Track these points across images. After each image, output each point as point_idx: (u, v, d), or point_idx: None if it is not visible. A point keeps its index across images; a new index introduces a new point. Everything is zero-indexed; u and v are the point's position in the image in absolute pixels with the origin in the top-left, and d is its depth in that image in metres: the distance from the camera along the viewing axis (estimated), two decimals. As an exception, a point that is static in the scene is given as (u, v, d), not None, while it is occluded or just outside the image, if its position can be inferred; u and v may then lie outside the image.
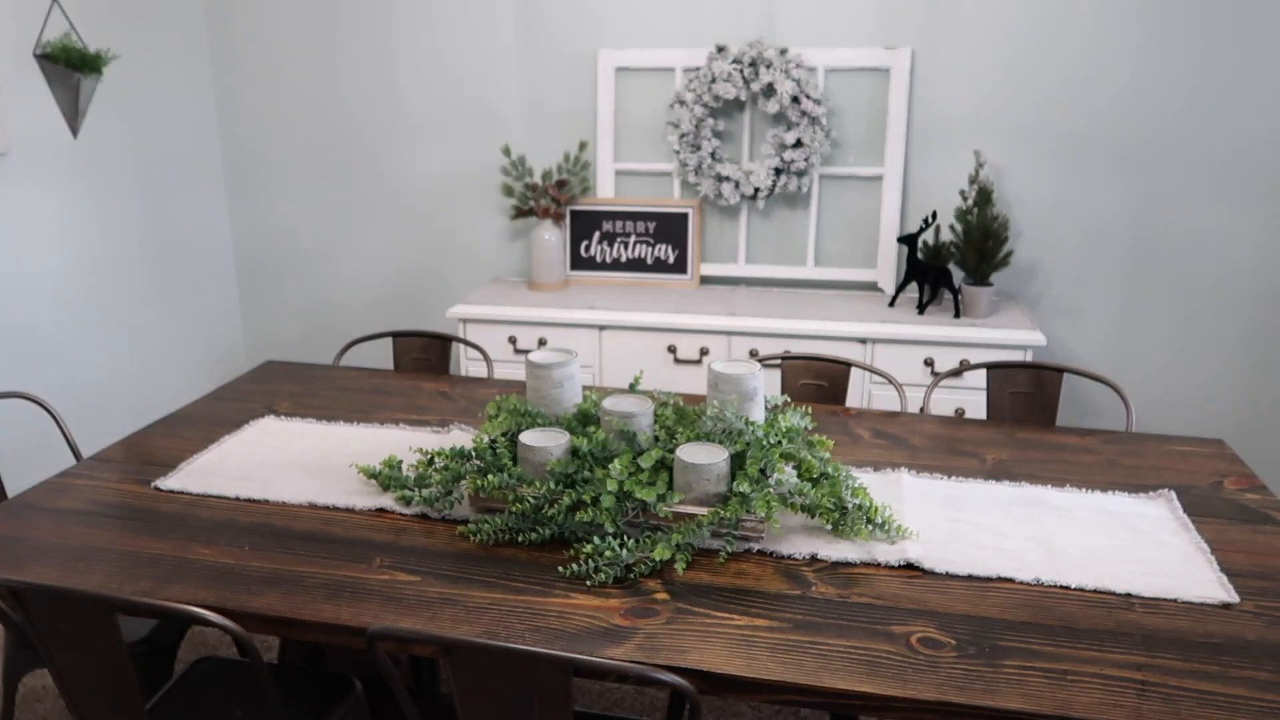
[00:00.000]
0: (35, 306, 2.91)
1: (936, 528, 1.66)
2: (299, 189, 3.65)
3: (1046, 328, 3.13)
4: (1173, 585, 1.48)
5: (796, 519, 1.67)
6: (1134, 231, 3.08)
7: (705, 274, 3.35)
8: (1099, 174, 3.06)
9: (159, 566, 1.53)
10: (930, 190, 3.16)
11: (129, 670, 1.41)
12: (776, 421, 1.73)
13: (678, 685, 1.22)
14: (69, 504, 1.76)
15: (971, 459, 1.97)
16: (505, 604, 1.41)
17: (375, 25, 3.42)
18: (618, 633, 1.36)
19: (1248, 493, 1.82)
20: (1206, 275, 3.06)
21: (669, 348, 2.96)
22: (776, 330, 2.88)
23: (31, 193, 2.83)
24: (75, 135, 2.97)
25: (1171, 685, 1.24)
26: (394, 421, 2.16)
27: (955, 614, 1.40)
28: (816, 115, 3.07)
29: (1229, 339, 3.10)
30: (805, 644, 1.33)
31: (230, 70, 3.58)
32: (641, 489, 1.57)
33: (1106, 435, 2.11)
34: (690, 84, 3.16)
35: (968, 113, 3.09)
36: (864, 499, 1.63)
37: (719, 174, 3.18)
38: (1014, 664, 1.29)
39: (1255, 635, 1.35)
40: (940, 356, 2.83)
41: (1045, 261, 3.16)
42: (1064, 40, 2.98)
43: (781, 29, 3.14)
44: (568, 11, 3.27)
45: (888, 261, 3.21)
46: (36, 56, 2.81)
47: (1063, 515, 1.71)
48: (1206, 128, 2.96)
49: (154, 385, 3.43)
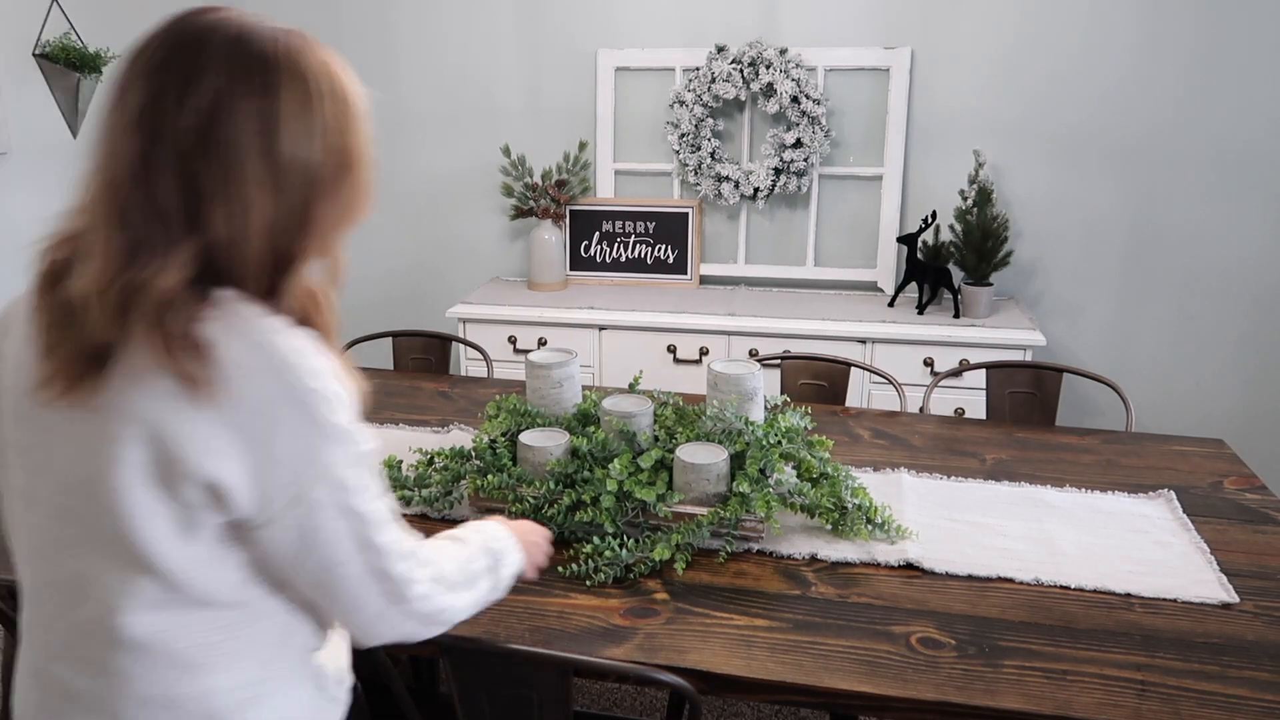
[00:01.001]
0: (35, 306, 2.91)
1: (936, 528, 1.66)
2: (299, 189, 3.65)
3: (1046, 327, 3.12)
4: (1172, 585, 1.48)
5: (796, 519, 1.67)
6: (1134, 231, 3.08)
7: (705, 274, 3.35)
8: (1099, 173, 3.06)
9: (159, 566, 1.53)
10: (930, 190, 3.16)
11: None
12: (776, 421, 1.73)
13: (677, 685, 1.22)
14: (69, 504, 1.75)
15: (971, 459, 1.97)
16: (505, 604, 1.40)
17: (375, 25, 3.42)
18: (617, 633, 1.36)
19: (1248, 493, 1.82)
20: (1207, 275, 3.06)
21: (669, 348, 2.96)
22: (776, 330, 2.88)
23: (31, 193, 2.83)
24: (75, 135, 2.97)
25: (1171, 685, 1.24)
26: (394, 421, 2.16)
27: (955, 614, 1.40)
28: (816, 115, 3.07)
29: (1229, 338, 3.10)
30: (805, 644, 1.33)
31: (230, 70, 3.58)
32: (641, 489, 1.57)
33: (1106, 435, 2.11)
34: (690, 84, 3.16)
35: (967, 112, 3.09)
36: (864, 499, 1.63)
37: (719, 174, 3.18)
38: (1014, 664, 1.29)
39: (1255, 635, 1.35)
40: (940, 356, 2.82)
41: (1045, 261, 3.16)
42: (1063, 40, 2.98)
43: (781, 29, 3.14)
44: (568, 11, 3.27)
45: (887, 261, 3.21)
46: (36, 56, 2.81)
47: (1062, 515, 1.71)
48: (1206, 127, 2.96)
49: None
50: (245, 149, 0.84)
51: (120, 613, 0.87)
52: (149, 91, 0.84)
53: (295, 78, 0.87)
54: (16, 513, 0.94)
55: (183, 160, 0.83)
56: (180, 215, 0.83)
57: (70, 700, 0.92)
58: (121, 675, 0.89)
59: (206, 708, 0.91)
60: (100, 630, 0.89)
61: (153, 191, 0.83)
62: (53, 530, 0.90)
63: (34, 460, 0.90)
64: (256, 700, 0.94)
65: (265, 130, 0.84)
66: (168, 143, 0.83)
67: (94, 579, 0.88)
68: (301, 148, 0.87)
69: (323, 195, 0.89)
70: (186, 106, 0.83)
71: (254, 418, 0.83)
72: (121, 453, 0.83)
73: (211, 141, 0.83)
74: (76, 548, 0.88)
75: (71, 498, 0.87)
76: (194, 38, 0.85)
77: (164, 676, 0.89)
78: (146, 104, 0.84)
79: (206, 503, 0.85)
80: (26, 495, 0.92)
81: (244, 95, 0.84)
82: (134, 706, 0.90)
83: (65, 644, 0.91)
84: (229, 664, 0.92)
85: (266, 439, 0.84)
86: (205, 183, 0.83)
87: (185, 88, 0.83)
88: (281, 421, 0.84)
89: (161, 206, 0.83)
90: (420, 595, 0.97)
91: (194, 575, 0.88)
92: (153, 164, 0.83)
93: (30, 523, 0.92)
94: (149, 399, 0.82)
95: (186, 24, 0.86)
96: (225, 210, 0.84)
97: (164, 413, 0.82)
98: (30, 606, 0.96)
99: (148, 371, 0.82)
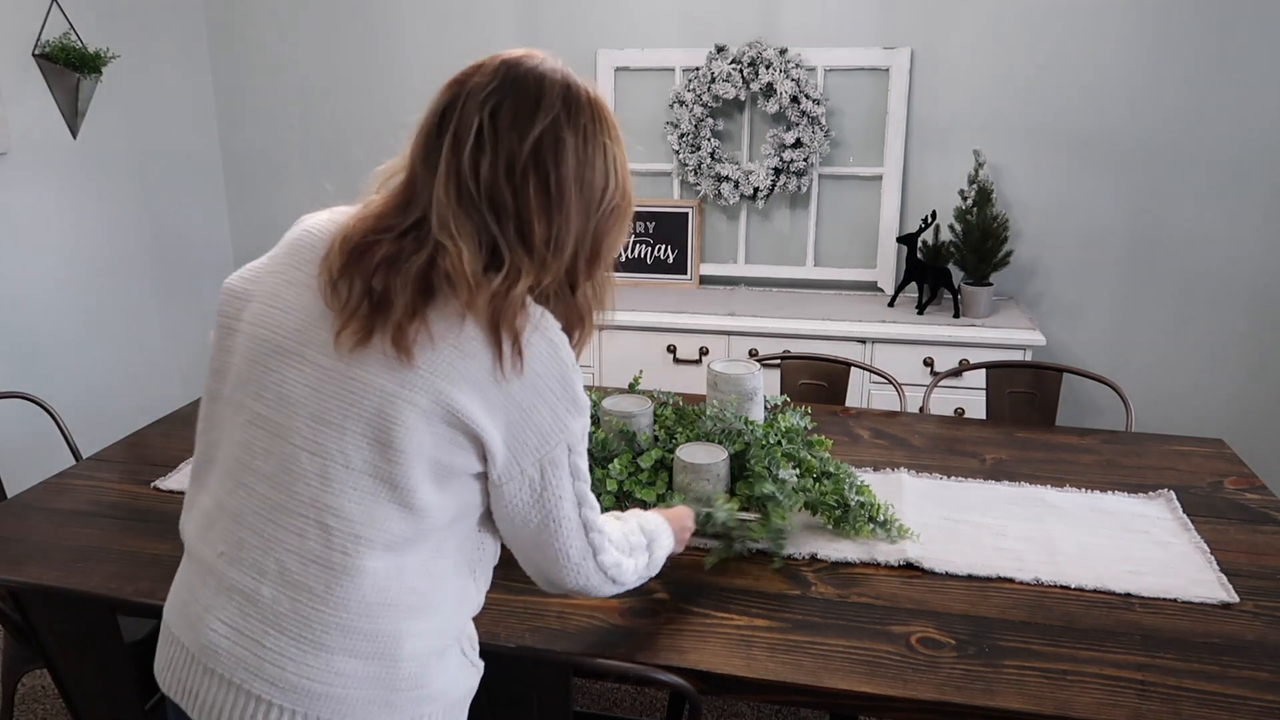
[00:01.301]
0: (34, 306, 2.91)
1: (936, 528, 1.66)
2: (299, 189, 3.65)
3: (1046, 327, 3.13)
4: (1172, 585, 1.48)
5: (797, 518, 1.67)
6: (1134, 231, 3.08)
7: (705, 274, 3.35)
8: (1098, 173, 3.06)
9: (159, 566, 1.53)
10: (930, 190, 3.16)
11: (128, 670, 1.41)
12: (776, 421, 1.73)
13: (678, 685, 1.22)
14: (68, 504, 1.75)
15: (971, 459, 1.97)
16: (504, 604, 1.41)
17: (375, 25, 3.42)
18: (617, 632, 1.36)
19: (1247, 493, 1.82)
20: (1206, 274, 3.06)
21: (669, 348, 2.96)
22: (776, 330, 2.88)
23: (31, 193, 2.83)
24: (75, 135, 2.97)
25: (1171, 685, 1.24)
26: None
27: (955, 614, 1.40)
28: (816, 115, 3.07)
29: (1229, 338, 3.10)
30: (805, 644, 1.33)
31: (230, 70, 3.58)
32: (641, 489, 1.57)
33: (1106, 435, 2.11)
34: (690, 84, 3.16)
35: (967, 112, 3.09)
36: (868, 496, 1.63)
37: (718, 174, 3.18)
38: (1014, 664, 1.29)
39: (1255, 635, 1.35)
40: (940, 356, 2.82)
41: (1045, 261, 3.16)
42: (1063, 40, 2.98)
43: (781, 29, 3.14)
44: (567, 11, 3.27)
45: (887, 261, 3.21)
46: (36, 56, 2.81)
47: (1062, 515, 1.71)
48: (1205, 127, 2.96)
49: (154, 385, 3.43)
50: (566, 179, 1.00)
51: (360, 544, 0.98)
52: (489, 118, 0.99)
53: (604, 124, 1.04)
54: (255, 443, 1.02)
55: (517, 181, 0.99)
56: (511, 227, 0.99)
57: (271, 622, 0.99)
58: (336, 604, 0.98)
59: (396, 649, 1.00)
60: (333, 559, 0.98)
61: (491, 204, 0.98)
62: (301, 462, 0.99)
63: (293, 396, 1.00)
64: (440, 653, 1.05)
65: (582, 160, 1.02)
66: (503, 164, 0.98)
67: (341, 512, 0.98)
68: (603, 179, 1.04)
69: (611, 226, 1.06)
70: (527, 136, 0.99)
71: (528, 391, 0.99)
72: (411, 398, 0.96)
73: (542, 170, 0.99)
74: (330, 480, 0.98)
75: (338, 438, 0.98)
76: (533, 81, 1.01)
77: (373, 611, 0.99)
78: (489, 124, 0.99)
79: (468, 455, 0.99)
80: (274, 426, 1.01)
81: (570, 134, 1.01)
82: (337, 635, 0.98)
83: (282, 568, 0.99)
84: (429, 612, 1.03)
85: (531, 407, 1.00)
86: (533, 203, 0.99)
87: (526, 121, 0.99)
88: (547, 393, 1.00)
89: (495, 217, 0.99)
90: (605, 547, 1.13)
91: (435, 520, 1.00)
92: (488, 180, 0.98)
93: (275, 451, 1.00)
94: (450, 364, 0.96)
95: (523, 67, 1.02)
96: (544, 229, 1.00)
97: (457, 379, 0.96)
98: (234, 529, 1.02)
99: (463, 342, 0.97)
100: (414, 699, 1.02)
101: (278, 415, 1.01)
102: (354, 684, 0.99)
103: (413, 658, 1.01)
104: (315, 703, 0.98)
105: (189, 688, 1.03)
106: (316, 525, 0.98)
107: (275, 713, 0.98)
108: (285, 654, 0.98)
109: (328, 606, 0.98)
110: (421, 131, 1.03)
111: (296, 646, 0.98)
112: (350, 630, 0.98)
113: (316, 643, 0.98)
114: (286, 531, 0.99)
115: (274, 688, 0.98)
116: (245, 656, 0.99)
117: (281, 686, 0.98)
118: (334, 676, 0.98)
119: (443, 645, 1.05)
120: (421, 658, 1.02)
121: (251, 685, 0.99)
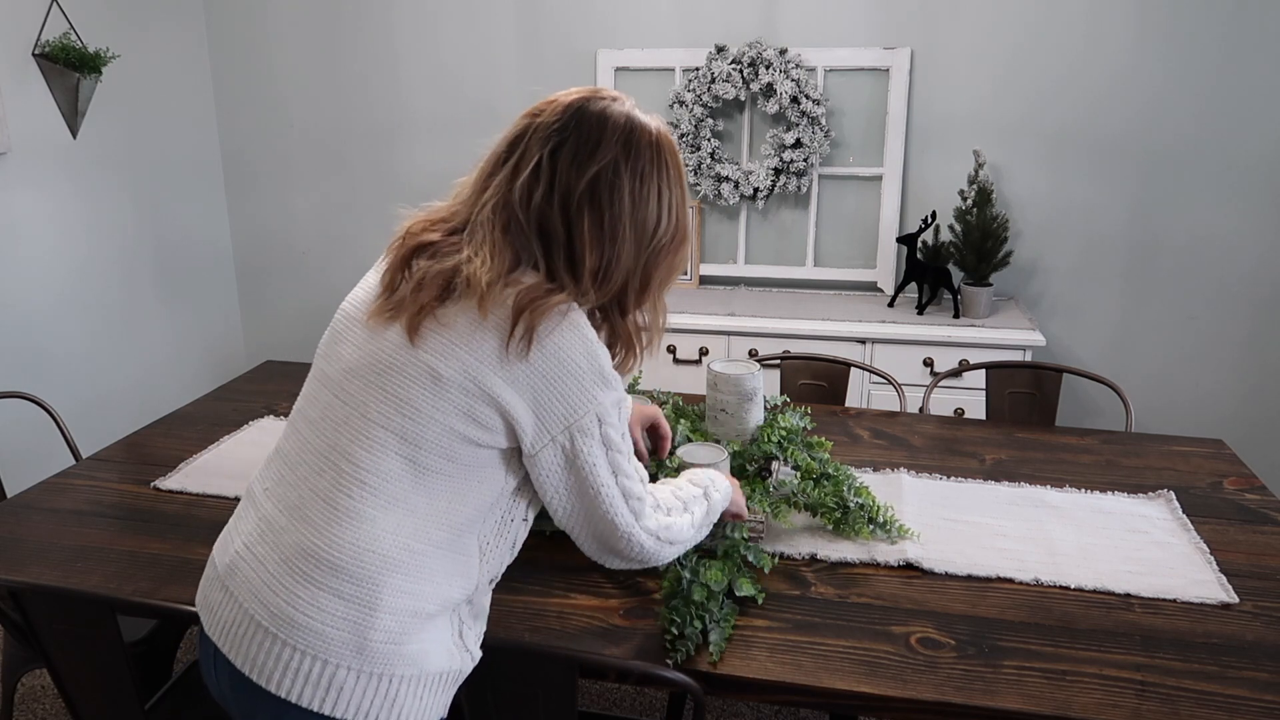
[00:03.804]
0: (34, 306, 2.91)
1: (936, 528, 1.66)
2: (299, 189, 3.65)
3: (1046, 328, 3.13)
4: (1172, 585, 1.48)
5: (797, 519, 1.67)
6: (1133, 231, 3.08)
7: (705, 274, 3.35)
8: (1098, 174, 3.06)
9: (158, 566, 1.53)
10: (929, 190, 3.16)
11: (128, 670, 1.41)
12: (776, 421, 1.73)
13: (684, 683, 1.22)
14: (68, 504, 1.75)
15: (971, 459, 1.97)
16: (504, 604, 1.41)
17: (375, 25, 3.42)
18: (617, 633, 1.36)
19: (1247, 493, 1.82)
20: (1206, 275, 3.06)
21: (668, 348, 2.96)
22: (776, 330, 2.88)
23: (30, 193, 2.83)
24: (74, 135, 2.97)
25: (1171, 685, 1.24)
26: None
27: (954, 614, 1.40)
28: (816, 115, 3.07)
29: (1228, 339, 3.10)
30: (804, 644, 1.33)
31: (230, 70, 3.58)
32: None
33: (1106, 435, 2.11)
34: (690, 84, 3.16)
35: (967, 113, 3.09)
36: (867, 498, 1.63)
37: (718, 174, 3.18)
38: (1013, 664, 1.29)
39: (1255, 635, 1.35)
40: (939, 356, 2.83)
41: (1045, 261, 3.16)
42: (1064, 40, 2.98)
43: (781, 29, 3.14)
44: (568, 11, 3.27)
45: (887, 261, 3.21)
46: (35, 56, 2.81)
47: (1062, 515, 1.71)
48: (1206, 127, 2.96)
49: (153, 385, 3.43)
50: (620, 217, 1.09)
51: (365, 490, 1.06)
52: (549, 156, 1.09)
53: (662, 166, 1.13)
54: (312, 393, 1.15)
55: (571, 214, 1.08)
56: (561, 255, 1.08)
57: (277, 548, 1.08)
58: (330, 541, 1.05)
59: (375, 598, 1.05)
60: (338, 500, 1.06)
61: (541, 232, 1.08)
62: (335, 409, 1.10)
63: (343, 355, 1.12)
64: (426, 618, 1.08)
65: (637, 200, 1.10)
66: (558, 197, 1.08)
67: (352, 457, 1.06)
68: (655, 218, 1.12)
69: (662, 260, 1.15)
70: (584, 175, 1.08)
71: (552, 363, 1.06)
72: (429, 362, 1.05)
73: (597, 208, 1.08)
74: (348, 427, 1.07)
75: (362, 389, 1.08)
76: (596, 123, 1.10)
77: (363, 557, 1.05)
78: (547, 160, 1.08)
79: (490, 431, 1.06)
80: (326, 379, 1.13)
81: (628, 176, 1.09)
82: (327, 572, 1.05)
83: (301, 501, 1.09)
84: (417, 573, 1.07)
85: (556, 378, 1.06)
86: (586, 237, 1.08)
87: (586, 161, 1.08)
88: (572, 365, 1.07)
89: (543, 244, 1.09)
90: (645, 513, 1.18)
91: (441, 486, 1.07)
92: (539, 209, 1.08)
93: (319, 399, 1.13)
94: (465, 338, 1.05)
95: (590, 109, 1.12)
96: (595, 260, 1.09)
97: (472, 351, 1.04)
98: (280, 467, 1.15)
99: (475, 326, 1.05)
100: (387, 654, 1.05)
101: (331, 370, 1.13)
102: (332, 622, 1.04)
103: (391, 611, 1.05)
104: (297, 632, 1.04)
105: (209, 601, 1.14)
106: (332, 467, 1.07)
107: (261, 634, 1.06)
108: (280, 580, 1.06)
109: (323, 541, 1.05)
110: (493, 153, 1.14)
111: (290, 576, 1.06)
112: (339, 570, 1.04)
113: (307, 575, 1.05)
114: (309, 470, 1.10)
115: (266, 611, 1.06)
116: (251, 577, 1.08)
117: (273, 611, 1.06)
118: (317, 611, 1.04)
119: (429, 610, 1.09)
120: (401, 615, 1.06)
121: (250, 606, 1.07)
